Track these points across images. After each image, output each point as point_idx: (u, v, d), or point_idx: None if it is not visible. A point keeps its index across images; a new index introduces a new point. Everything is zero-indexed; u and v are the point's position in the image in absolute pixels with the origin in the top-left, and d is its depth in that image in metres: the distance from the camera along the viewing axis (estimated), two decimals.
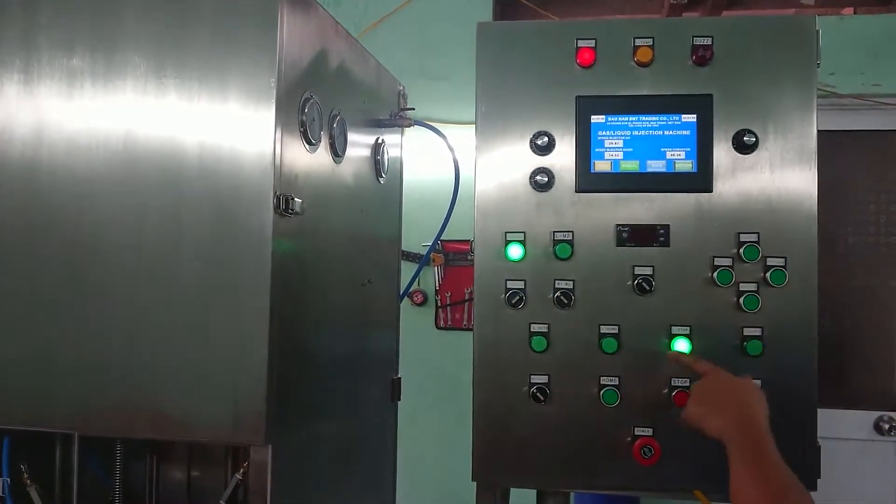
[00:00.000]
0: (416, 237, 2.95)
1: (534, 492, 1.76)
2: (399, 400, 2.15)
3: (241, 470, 1.47)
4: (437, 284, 3.66)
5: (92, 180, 1.44)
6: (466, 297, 3.59)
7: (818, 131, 1.56)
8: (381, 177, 1.97)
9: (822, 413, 1.57)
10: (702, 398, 1.39)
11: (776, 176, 1.56)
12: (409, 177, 2.24)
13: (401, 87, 2.13)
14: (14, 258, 1.47)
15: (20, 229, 1.47)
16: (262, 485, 1.38)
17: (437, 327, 3.67)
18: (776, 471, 1.23)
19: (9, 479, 1.54)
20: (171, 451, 1.74)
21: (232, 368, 1.38)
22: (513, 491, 1.71)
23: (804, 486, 1.22)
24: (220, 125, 1.40)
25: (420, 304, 3.65)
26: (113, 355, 1.43)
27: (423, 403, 3.29)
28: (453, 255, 3.61)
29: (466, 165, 1.80)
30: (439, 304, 3.66)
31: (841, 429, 3.13)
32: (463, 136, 2.03)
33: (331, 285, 1.70)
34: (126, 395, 1.42)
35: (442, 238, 3.37)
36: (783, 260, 1.54)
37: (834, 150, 3.24)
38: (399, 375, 2.16)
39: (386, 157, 2.00)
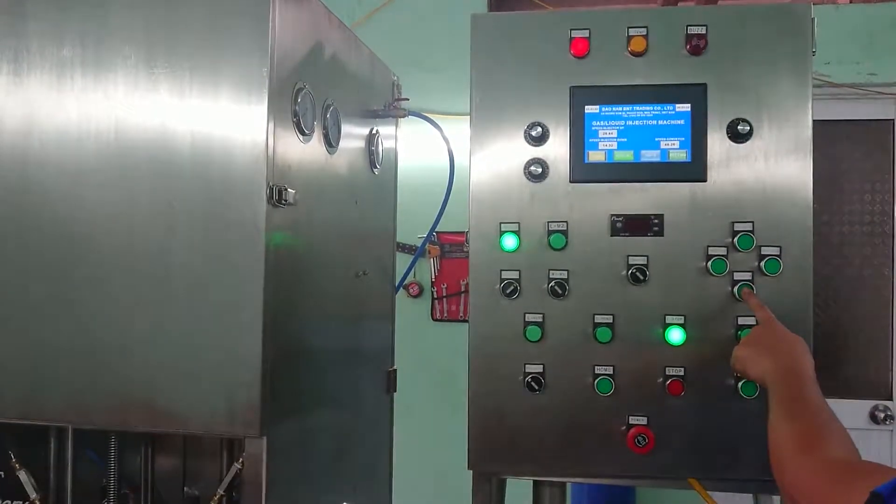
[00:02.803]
0: (412, 229, 2.95)
1: (531, 483, 1.77)
2: (395, 391, 2.15)
3: (241, 459, 1.46)
4: (433, 276, 3.67)
5: (83, 172, 1.43)
6: (462, 289, 3.60)
7: (814, 121, 1.56)
8: (376, 168, 1.97)
9: None
10: (751, 342, 1.40)
11: (771, 165, 1.56)
12: (404, 168, 2.24)
13: (395, 78, 2.13)
14: (5, 250, 1.47)
15: (11, 221, 1.46)
16: (258, 477, 1.38)
17: (434, 319, 3.68)
18: (814, 417, 1.19)
19: (1, 473, 1.54)
20: (166, 442, 1.74)
21: (226, 361, 1.38)
22: (510, 483, 1.72)
23: (849, 437, 1.15)
24: (212, 115, 1.39)
25: (416, 296, 3.66)
26: (106, 348, 1.43)
27: (420, 395, 3.30)
28: (449, 247, 3.62)
29: (462, 157, 1.79)
30: (435, 296, 3.67)
31: None
32: (458, 128, 2.02)
33: (325, 277, 1.70)
34: (120, 389, 1.42)
35: (438, 230, 3.38)
36: (778, 249, 1.54)
37: (829, 140, 3.24)
38: (395, 367, 2.16)
39: (380, 147, 1.99)
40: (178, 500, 1.76)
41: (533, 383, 1.56)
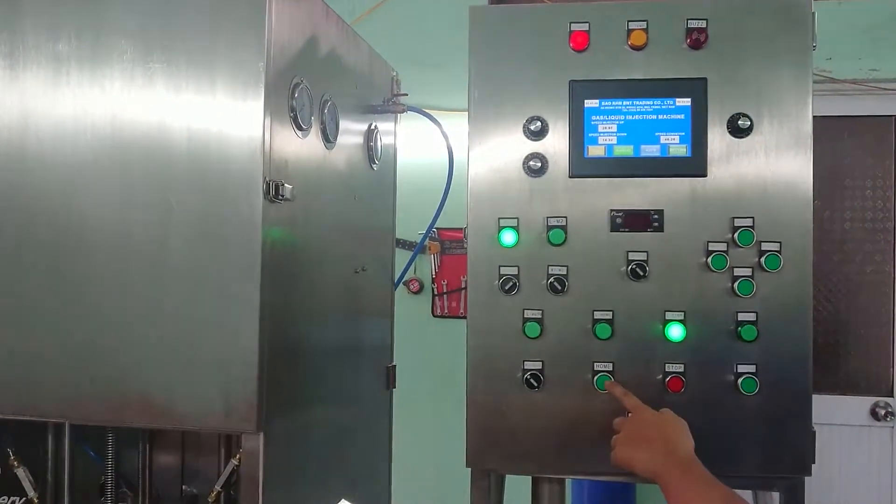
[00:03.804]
0: (413, 225, 2.94)
1: (529, 479, 1.76)
2: (394, 388, 2.15)
3: (238, 456, 1.46)
4: (434, 273, 3.66)
5: (79, 167, 1.43)
6: (463, 286, 3.59)
7: (815, 117, 1.55)
8: (375, 163, 1.96)
9: (818, 399, 1.56)
10: (627, 441, 1.37)
11: (771, 160, 1.54)
12: (404, 165, 2.23)
13: (394, 73, 2.12)
14: (1, 247, 1.46)
15: (7, 216, 1.46)
16: (255, 472, 1.37)
17: (434, 315, 3.67)
18: (714, 487, 1.22)
19: None
20: (164, 438, 1.74)
21: (222, 357, 1.38)
22: (509, 478, 1.71)
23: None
24: (208, 110, 1.38)
25: (416, 293, 3.65)
26: (102, 344, 1.42)
27: (420, 391, 3.29)
28: (449, 244, 3.61)
29: (461, 153, 1.78)
30: (435, 293, 3.66)
31: (837, 415, 3.13)
32: (457, 124, 2.01)
33: (323, 272, 1.69)
34: (116, 385, 1.41)
35: (438, 226, 3.35)
36: (778, 245, 1.52)
37: (831, 136, 3.23)
38: (394, 363, 2.15)
39: (379, 143, 1.98)
40: (177, 498, 1.76)
41: (532, 380, 1.55)
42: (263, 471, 1.38)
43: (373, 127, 1.95)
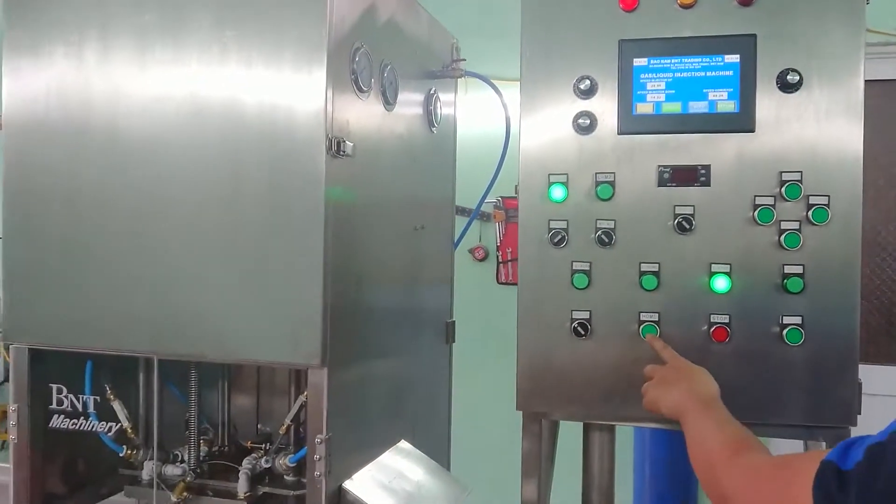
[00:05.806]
0: (475, 194, 3.02)
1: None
2: (454, 342, 2.24)
3: (305, 392, 1.59)
4: (498, 240, 3.74)
5: (163, 136, 1.57)
6: None
7: (881, 80, 1.54)
8: (434, 126, 2.05)
9: (874, 369, 1.57)
10: (657, 383, 1.44)
11: (821, 115, 1.55)
12: (466, 136, 2.29)
13: (454, 41, 2.19)
14: (97, 200, 1.62)
15: (105, 174, 1.62)
16: (320, 404, 1.50)
17: (498, 283, 3.76)
18: (736, 427, 1.25)
19: (98, 398, 1.72)
20: (241, 380, 1.90)
21: (290, 299, 1.50)
22: (562, 430, 1.78)
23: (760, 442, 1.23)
24: (276, 75, 1.50)
25: (482, 260, 3.75)
26: (184, 290, 1.57)
27: (484, 355, 3.38)
28: (514, 212, 3.67)
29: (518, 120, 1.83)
30: (500, 260, 3.75)
31: (894, 385, 3.05)
32: (516, 94, 2.07)
33: (383, 228, 1.79)
34: (196, 325, 1.57)
35: (503, 195, 3.41)
36: (826, 198, 1.54)
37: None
38: (453, 319, 2.25)
39: (439, 108, 2.07)
40: (253, 435, 1.91)
41: (579, 328, 1.62)
42: (328, 404, 1.50)
43: (432, 91, 2.03)
